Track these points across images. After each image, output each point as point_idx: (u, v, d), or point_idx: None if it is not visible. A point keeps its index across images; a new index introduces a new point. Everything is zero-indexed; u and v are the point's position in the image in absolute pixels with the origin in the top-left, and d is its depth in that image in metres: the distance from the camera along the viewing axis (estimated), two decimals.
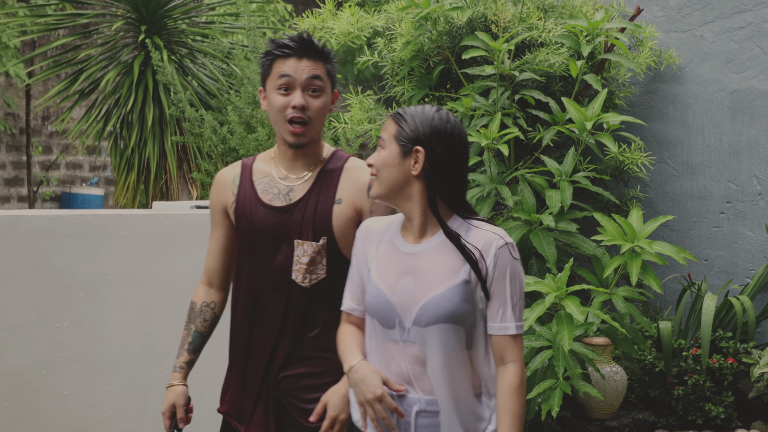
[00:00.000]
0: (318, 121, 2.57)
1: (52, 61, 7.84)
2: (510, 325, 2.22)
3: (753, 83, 5.53)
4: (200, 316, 2.74)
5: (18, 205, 11.08)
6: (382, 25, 5.40)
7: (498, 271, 2.21)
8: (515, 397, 2.19)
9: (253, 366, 2.61)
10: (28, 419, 3.63)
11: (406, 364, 2.25)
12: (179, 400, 2.68)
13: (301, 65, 2.52)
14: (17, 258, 3.60)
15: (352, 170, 2.60)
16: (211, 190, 2.73)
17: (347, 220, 2.55)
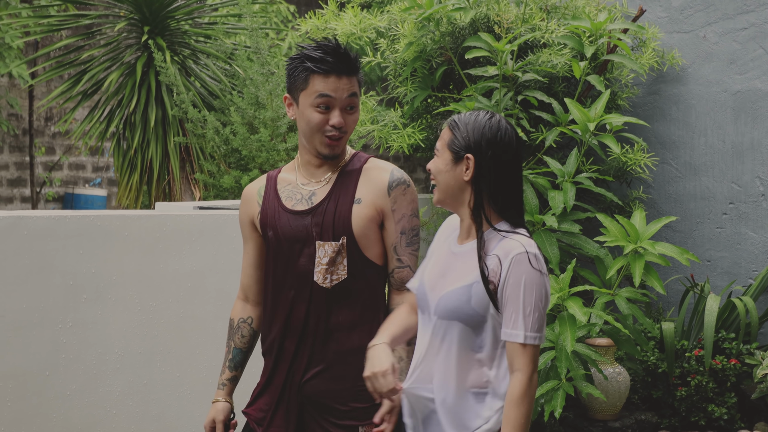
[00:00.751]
0: (351, 133, 2.63)
1: (55, 61, 7.85)
2: (519, 333, 2.26)
3: (756, 84, 5.53)
4: (238, 332, 2.76)
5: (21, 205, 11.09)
6: (384, 26, 5.40)
7: (512, 278, 2.27)
8: (516, 406, 2.24)
9: (279, 369, 2.62)
10: (31, 420, 3.63)
11: (425, 350, 2.39)
12: (219, 416, 2.70)
13: (341, 84, 2.53)
14: (20, 258, 3.60)
15: (371, 170, 2.61)
16: (240, 206, 2.77)
17: (367, 220, 2.56)
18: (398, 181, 2.58)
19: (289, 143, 6.34)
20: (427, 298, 2.41)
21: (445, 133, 2.39)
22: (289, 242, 2.58)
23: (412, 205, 2.59)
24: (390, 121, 5.34)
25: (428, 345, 2.39)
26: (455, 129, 2.36)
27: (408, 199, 2.59)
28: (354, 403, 2.55)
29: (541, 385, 4.29)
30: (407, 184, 2.59)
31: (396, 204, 2.57)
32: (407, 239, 2.60)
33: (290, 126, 6.51)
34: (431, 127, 5.59)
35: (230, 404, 2.73)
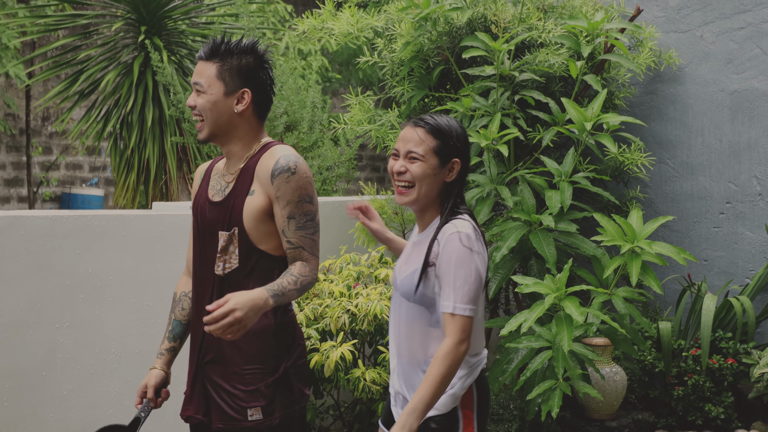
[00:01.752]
0: (211, 117, 2.69)
1: (52, 61, 7.84)
2: (449, 303, 2.50)
3: (753, 84, 5.53)
4: (179, 305, 2.88)
5: (18, 205, 11.08)
6: (381, 26, 5.40)
7: (445, 256, 2.52)
8: (437, 365, 2.46)
9: (192, 351, 2.78)
10: (28, 419, 3.63)
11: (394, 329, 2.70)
12: (151, 380, 2.82)
13: (197, 68, 2.72)
14: (17, 258, 3.60)
15: (264, 160, 2.67)
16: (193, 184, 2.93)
17: (258, 211, 2.65)
18: (281, 169, 2.62)
19: (286, 142, 6.34)
20: (396, 281, 2.68)
21: (425, 138, 2.57)
22: (204, 231, 2.73)
23: (300, 191, 2.62)
24: (387, 120, 5.34)
25: (395, 325, 2.69)
26: (441, 135, 2.57)
27: (292, 186, 2.61)
28: (240, 385, 2.65)
29: (538, 385, 4.29)
30: (291, 171, 2.62)
31: (279, 191, 2.62)
32: (297, 223, 2.63)
33: (287, 126, 6.52)
34: None
35: (165, 373, 2.85)
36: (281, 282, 2.58)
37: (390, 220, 5.34)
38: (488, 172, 4.75)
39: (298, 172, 2.62)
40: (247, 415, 2.63)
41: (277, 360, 2.69)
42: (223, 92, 2.67)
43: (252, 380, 2.64)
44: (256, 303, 2.49)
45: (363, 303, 4.41)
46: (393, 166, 2.63)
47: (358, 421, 4.70)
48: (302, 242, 2.65)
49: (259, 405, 2.63)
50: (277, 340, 2.70)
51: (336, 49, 8.97)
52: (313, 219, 2.67)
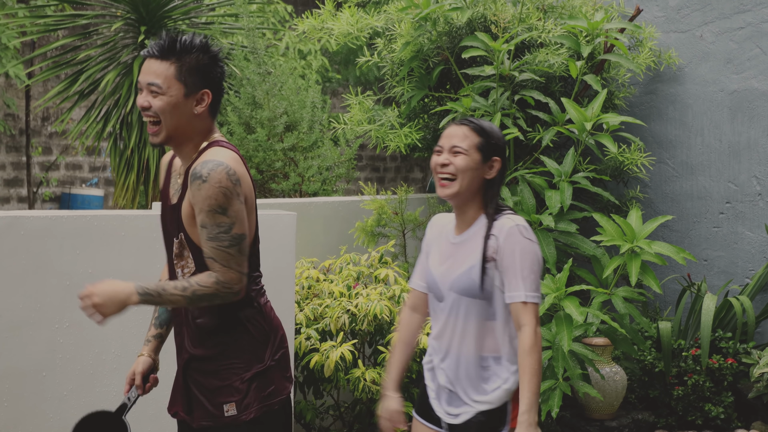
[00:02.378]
0: (170, 120, 2.56)
1: (52, 61, 7.83)
2: (520, 293, 2.64)
3: (753, 83, 5.53)
4: None
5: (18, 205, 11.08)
6: (381, 26, 5.40)
7: (507, 249, 2.64)
8: (528, 355, 2.61)
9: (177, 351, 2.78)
10: (28, 420, 3.63)
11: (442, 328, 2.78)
12: (138, 367, 2.82)
13: (146, 66, 2.56)
14: (17, 259, 3.60)
15: (196, 165, 2.53)
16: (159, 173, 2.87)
17: (189, 216, 2.57)
18: (194, 176, 2.48)
19: (285, 143, 6.34)
20: (439, 286, 2.77)
21: (469, 134, 2.72)
22: (164, 233, 2.73)
23: (209, 201, 2.46)
24: (387, 120, 5.34)
25: (444, 323, 2.77)
26: (484, 134, 2.72)
27: (202, 195, 2.47)
28: (216, 381, 2.64)
29: None
30: (203, 179, 2.46)
31: (194, 199, 2.50)
32: (207, 233, 2.49)
33: (287, 126, 6.51)
34: (428, 126, 5.59)
35: (153, 360, 2.85)
36: (164, 284, 2.52)
37: (390, 219, 5.34)
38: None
39: (210, 180, 2.45)
40: (224, 410, 2.62)
41: (255, 354, 2.66)
42: (183, 94, 2.54)
43: (227, 375, 2.63)
44: (117, 295, 2.48)
45: (363, 303, 4.41)
46: (437, 160, 2.74)
47: (358, 421, 4.70)
48: (213, 253, 2.50)
49: (233, 400, 2.62)
50: (247, 334, 2.66)
51: (336, 49, 8.96)
52: (227, 231, 2.50)
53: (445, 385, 2.79)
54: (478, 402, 2.72)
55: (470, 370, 2.74)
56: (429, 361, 2.87)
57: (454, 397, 2.77)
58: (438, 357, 2.81)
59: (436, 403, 2.82)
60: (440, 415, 2.80)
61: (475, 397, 2.73)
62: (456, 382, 2.76)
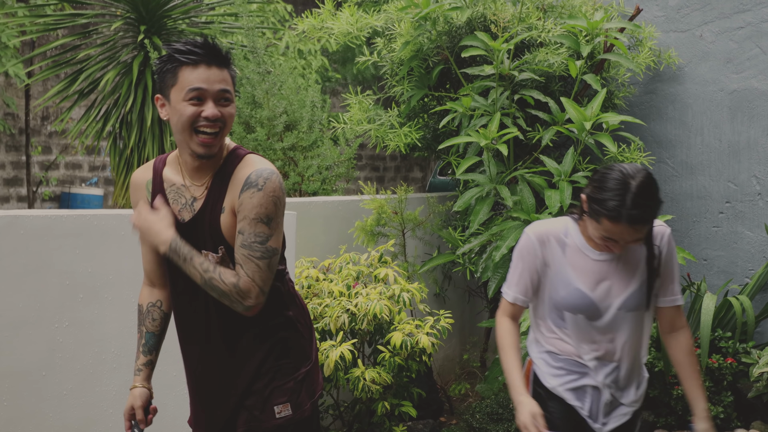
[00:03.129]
0: (228, 128, 2.51)
1: (52, 61, 7.83)
2: (678, 297, 2.78)
3: (752, 83, 5.54)
4: (148, 317, 2.79)
5: (17, 205, 11.08)
6: (381, 25, 5.40)
7: (666, 255, 2.73)
8: (692, 355, 2.78)
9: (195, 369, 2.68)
10: (28, 419, 3.63)
11: (604, 343, 2.77)
12: (137, 401, 2.71)
13: (212, 75, 2.43)
14: (17, 258, 3.60)
15: (240, 171, 2.48)
16: (130, 193, 2.73)
17: (232, 227, 2.49)
18: (249, 184, 2.43)
19: (285, 142, 6.34)
20: (598, 307, 2.73)
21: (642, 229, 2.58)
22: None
23: (257, 210, 2.42)
24: (387, 120, 5.34)
25: (601, 341, 2.76)
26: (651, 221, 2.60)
27: (253, 203, 2.42)
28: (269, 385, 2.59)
29: None
30: (258, 188, 2.42)
31: (242, 206, 2.43)
32: (243, 240, 2.44)
33: (286, 125, 6.51)
34: (428, 126, 5.59)
35: (148, 390, 2.74)
36: (194, 254, 2.46)
37: (389, 219, 5.34)
38: (488, 171, 4.75)
39: (265, 189, 2.42)
40: (275, 413, 2.57)
41: (304, 352, 2.65)
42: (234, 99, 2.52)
43: (280, 377, 2.58)
44: (153, 234, 2.48)
45: (362, 302, 4.40)
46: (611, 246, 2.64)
47: (357, 420, 4.70)
48: (242, 261, 2.44)
49: (287, 401, 2.58)
50: (297, 332, 2.64)
51: (336, 48, 8.97)
52: (263, 242, 2.44)
53: (606, 400, 2.83)
54: (635, 402, 2.85)
55: (632, 378, 2.84)
56: (572, 380, 2.83)
57: (615, 405, 2.85)
58: (601, 375, 2.81)
59: (590, 421, 2.85)
60: (596, 428, 2.86)
61: (634, 398, 2.85)
62: (620, 394, 2.84)
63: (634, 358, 2.83)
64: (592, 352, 2.80)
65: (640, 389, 2.88)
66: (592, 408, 2.83)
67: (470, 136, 4.63)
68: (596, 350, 2.79)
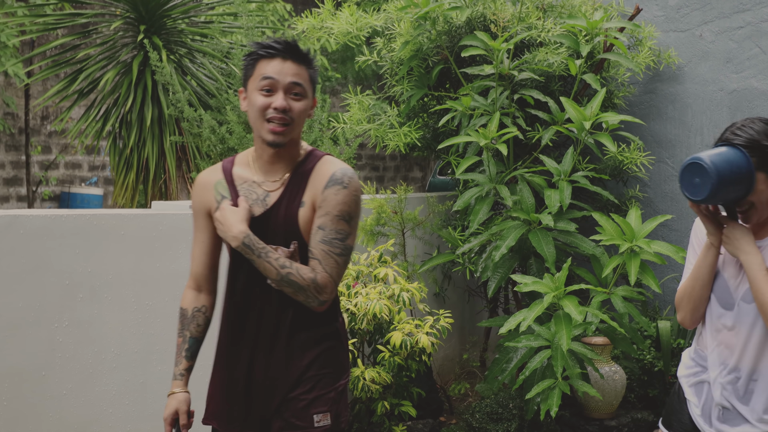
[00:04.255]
0: (300, 123, 2.57)
1: (51, 60, 7.83)
2: None
3: (752, 83, 5.53)
4: (193, 321, 2.74)
5: (17, 204, 11.08)
6: (381, 25, 5.40)
7: None
8: None
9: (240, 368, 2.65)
10: (27, 418, 3.63)
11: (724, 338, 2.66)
12: (182, 406, 2.68)
13: (285, 68, 2.52)
14: (16, 257, 3.60)
15: (321, 168, 2.56)
16: (193, 194, 2.73)
17: (310, 221, 2.54)
18: (335, 181, 2.52)
19: None
20: (729, 290, 2.62)
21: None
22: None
23: (341, 207, 2.50)
24: (386, 119, 5.34)
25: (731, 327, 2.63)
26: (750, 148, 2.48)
27: (337, 200, 2.50)
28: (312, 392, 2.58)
29: (538, 384, 4.29)
30: (344, 185, 2.51)
31: (325, 201, 2.50)
32: (323, 235, 2.50)
33: None
34: (427, 125, 5.59)
35: (189, 394, 2.73)
36: (268, 250, 2.49)
37: (389, 218, 5.34)
38: (487, 171, 4.75)
39: (350, 187, 2.51)
40: (313, 421, 2.56)
41: (344, 363, 2.65)
42: (311, 98, 2.58)
43: (322, 386, 2.58)
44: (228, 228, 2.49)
45: (362, 302, 4.40)
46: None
47: (357, 420, 4.70)
48: (320, 256, 2.50)
49: (327, 410, 2.57)
50: (340, 342, 2.65)
51: (335, 48, 8.97)
52: (343, 240, 2.52)
53: (719, 402, 2.66)
54: (763, 421, 2.59)
55: (761, 386, 2.59)
56: (693, 374, 2.78)
57: (730, 412, 2.64)
58: (718, 370, 2.67)
59: (701, 420, 2.72)
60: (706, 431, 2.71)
61: (759, 416, 2.59)
62: (738, 398, 2.62)
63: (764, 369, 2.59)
64: (716, 344, 2.68)
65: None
66: (708, 408, 2.71)
67: (470, 136, 4.63)
68: (719, 344, 2.67)
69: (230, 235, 2.49)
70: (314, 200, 2.52)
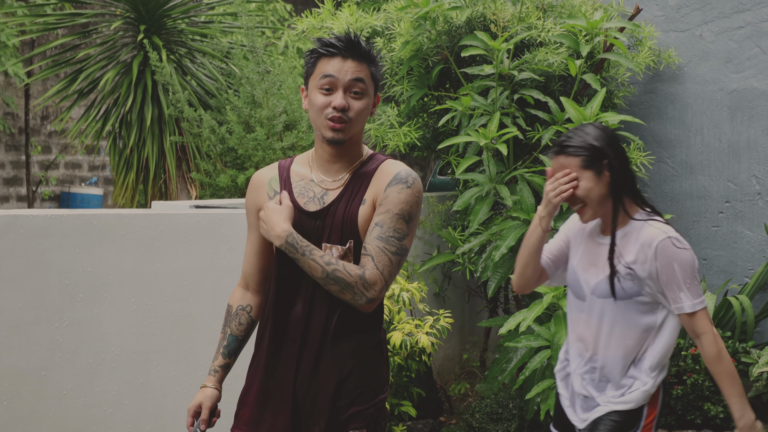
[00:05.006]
0: (361, 120, 2.52)
1: (51, 60, 7.83)
2: (685, 304, 2.66)
3: (752, 83, 5.53)
4: (236, 319, 2.69)
5: (17, 204, 11.08)
6: (381, 25, 5.40)
7: (663, 263, 2.64)
8: (717, 364, 2.67)
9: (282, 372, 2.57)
10: (27, 419, 3.62)
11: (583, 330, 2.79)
12: (207, 401, 2.62)
13: (346, 66, 2.48)
14: (16, 258, 3.60)
15: (384, 168, 2.53)
16: (247, 192, 2.69)
17: (369, 220, 2.50)
18: (399, 180, 2.49)
19: (285, 142, 6.34)
20: (580, 283, 2.78)
21: (570, 161, 2.68)
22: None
23: (402, 206, 2.47)
24: (386, 119, 5.34)
25: (586, 325, 2.77)
26: (576, 150, 2.68)
27: (400, 199, 2.47)
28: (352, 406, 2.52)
29: (537, 384, 4.29)
30: (408, 185, 2.49)
31: (386, 199, 2.47)
32: (380, 232, 2.46)
33: (286, 125, 6.51)
34: (427, 125, 5.59)
35: (219, 392, 2.66)
36: (313, 248, 2.45)
37: None
38: (487, 171, 4.75)
39: (413, 188, 2.49)
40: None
41: (383, 378, 2.58)
42: (372, 95, 2.54)
43: (362, 400, 2.52)
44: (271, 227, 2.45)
45: None
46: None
47: None
48: (374, 252, 2.45)
49: (364, 426, 2.51)
50: (381, 356, 2.59)
51: None
52: (400, 239, 2.47)
53: (579, 392, 2.79)
54: (614, 402, 2.73)
55: (612, 373, 2.74)
56: (562, 368, 2.87)
57: (590, 401, 2.78)
58: (577, 362, 2.80)
59: (570, 411, 2.83)
60: (575, 422, 2.81)
61: (612, 397, 2.74)
62: (594, 387, 2.77)
63: (619, 357, 2.74)
64: (578, 336, 2.82)
65: (627, 392, 2.75)
66: (573, 398, 2.83)
67: (470, 136, 4.63)
68: (581, 337, 2.81)
69: (273, 234, 2.44)
70: (375, 198, 2.49)
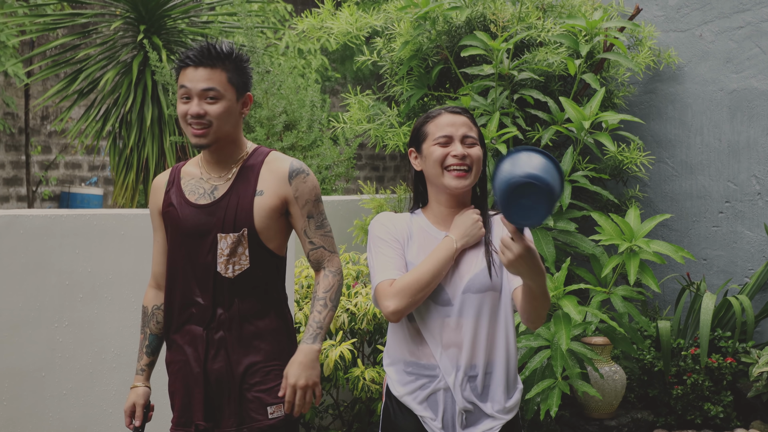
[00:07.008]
0: (222, 123, 2.66)
1: (51, 60, 7.83)
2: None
3: (752, 83, 5.54)
4: (153, 318, 2.88)
5: (17, 204, 11.08)
6: (381, 25, 5.40)
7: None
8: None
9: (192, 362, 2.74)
10: (27, 419, 3.63)
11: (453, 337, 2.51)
12: (139, 400, 2.84)
13: (197, 75, 2.65)
14: (16, 257, 3.60)
15: (272, 163, 2.72)
16: (150, 196, 2.88)
17: (270, 210, 2.68)
18: (298, 171, 2.71)
19: (285, 142, 6.34)
20: (444, 289, 2.48)
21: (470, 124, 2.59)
22: (192, 235, 2.70)
23: (315, 191, 2.73)
24: (386, 119, 5.34)
25: (455, 331, 2.46)
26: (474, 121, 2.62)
27: (309, 186, 2.72)
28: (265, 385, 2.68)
29: (537, 384, 4.30)
30: (306, 173, 2.73)
31: (298, 191, 2.70)
32: (316, 222, 2.74)
33: (286, 125, 6.51)
34: None
35: (149, 388, 2.87)
36: (314, 318, 2.68)
37: None
38: (487, 171, 4.75)
39: (311, 174, 2.74)
40: (268, 413, 2.67)
41: (291, 353, 2.73)
42: (235, 98, 2.70)
43: (273, 377, 2.69)
44: (309, 359, 2.64)
45: (362, 302, 4.40)
46: (451, 151, 2.53)
47: (357, 420, 4.70)
48: (323, 241, 2.75)
49: (281, 402, 2.67)
50: (288, 332, 2.77)
51: (335, 48, 8.97)
52: (326, 218, 2.78)
53: (463, 407, 2.46)
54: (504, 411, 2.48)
55: (498, 378, 2.48)
56: (421, 386, 2.49)
57: (476, 414, 2.47)
58: (453, 374, 2.45)
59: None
60: None
61: (501, 406, 2.48)
62: (480, 397, 2.47)
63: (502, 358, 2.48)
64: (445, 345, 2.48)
65: (512, 397, 2.50)
66: (450, 419, 2.47)
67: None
68: (449, 345, 2.47)
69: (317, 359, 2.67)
70: (279, 192, 2.69)
